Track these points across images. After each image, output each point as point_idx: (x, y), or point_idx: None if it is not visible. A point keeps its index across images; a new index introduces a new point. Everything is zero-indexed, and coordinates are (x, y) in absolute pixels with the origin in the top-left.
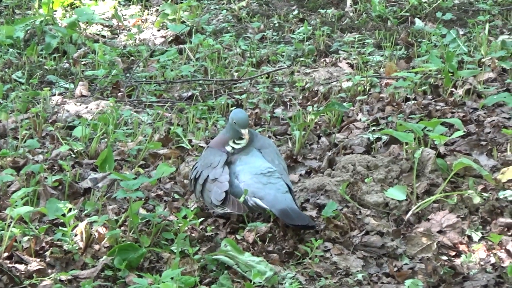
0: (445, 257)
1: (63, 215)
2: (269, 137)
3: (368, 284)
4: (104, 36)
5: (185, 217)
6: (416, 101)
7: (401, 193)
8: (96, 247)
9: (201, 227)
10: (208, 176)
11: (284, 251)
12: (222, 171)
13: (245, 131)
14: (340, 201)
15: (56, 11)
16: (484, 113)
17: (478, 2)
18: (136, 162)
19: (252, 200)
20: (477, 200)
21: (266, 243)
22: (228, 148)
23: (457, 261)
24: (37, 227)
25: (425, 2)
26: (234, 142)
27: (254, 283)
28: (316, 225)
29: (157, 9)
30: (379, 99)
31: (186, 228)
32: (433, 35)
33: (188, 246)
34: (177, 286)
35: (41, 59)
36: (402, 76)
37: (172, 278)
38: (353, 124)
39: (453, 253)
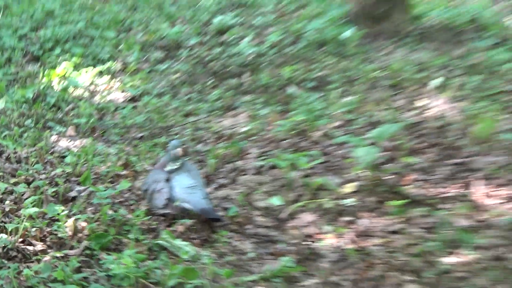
0: (308, 242)
1: (59, 214)
2: (193, 163)
3: (257, 260)
4: (85, 97)
5: (138, 215)
6: (290, 140)
7: (279, 200)
8: (80, 235)
9: (148, 222)
10: (155, 188)
11: (202, 237)
12: (164, 185)
13: (179, 149)
14: (240, 205)
15: (53, 80)
16: (334, 148)
17: (332, 75)
18: (106, 180)
19: (183, 204)
20: (328, 205)
21: (190, 232)
22: (167, 169)
23: (316, 245)
24: (41, 221)
25: (296, 74)
26: (170, 165)
27: (182, 259)
28: (223, 220)
29: (120, 79)
30: (265, 139)
31: (139, 222)
32: (301, 97)
33: (140, 234)
34: (132, 261)
35: (44, 112)
36: (281, 123)
37: (129, 256)
38: (248, 155)
39: (313, 240)
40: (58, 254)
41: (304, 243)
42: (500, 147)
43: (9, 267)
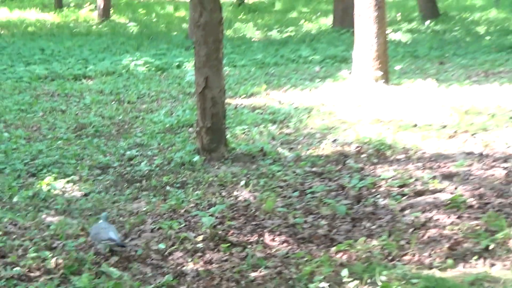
0: (179, 267)
1: (47, 256)
2: (115, 226)
3: (153, 277)
4: (59, 194)
5: (89, 255)
6: (167, 214)
7: (163, 245)
8: (59, 266)
9: (94, 258)
10: (101, 230)
11: (124, 266)
12: (106, 228)
13: (106, 214)
14: (143, 249)
15: (43, 186)
16: (192, 217)
17: (188, 180)
18: (72, 237)
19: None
20: (189, 247)
21: (117, 263)
22: (100, 222)
23: (184, 268)
24: (39, 260)
25: (170, 180)
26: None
27: (113, 278)
28: (126, 246)
29: (78, 184)
30: (155, 214)
31: (90, 259)
32: (173, 192)
33: (90, 265)
34: (87, 280)
35: (38, 202)
36: (163, 206)
37: (86, 277)
38: (146, 222)
39: (182, 266)
40: (47, 277)
41: (177, 267)
42: (277, 215)
43: (21, 285)
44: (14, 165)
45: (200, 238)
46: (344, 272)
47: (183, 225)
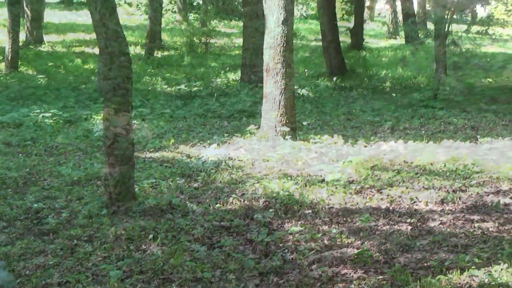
0: None
1: None
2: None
3: None
4: None
5: None
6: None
7: None
8: None
9: None
10: None
11: None
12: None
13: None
14: None
15: None
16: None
17: (99, 232)
18: None
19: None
20: None
21: None
22: None
23: None
24: None
25: (78, 234)
26: None
27: None
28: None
29: None
30: (65, 268)
31: None
32: (80, 247)
33: None
34: None
35: None
36: (73, 265)
37: None
38: (55, 275)
39: None
40: None
41: None
42: (185, 269)
43: None
44: None
45: None
46: None
47: (90, 278)
